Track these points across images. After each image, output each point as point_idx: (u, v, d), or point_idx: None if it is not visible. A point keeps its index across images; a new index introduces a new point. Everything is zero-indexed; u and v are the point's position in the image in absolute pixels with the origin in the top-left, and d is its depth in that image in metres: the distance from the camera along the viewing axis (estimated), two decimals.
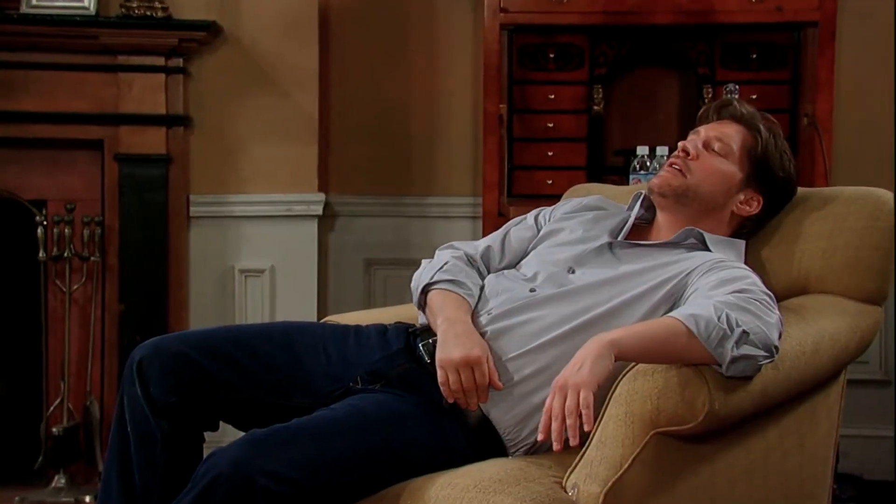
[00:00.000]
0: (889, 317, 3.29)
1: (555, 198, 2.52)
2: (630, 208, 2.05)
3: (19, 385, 3.49)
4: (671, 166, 1.95)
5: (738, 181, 1.95)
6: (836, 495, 2.76)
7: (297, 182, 3.43)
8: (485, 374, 1.78)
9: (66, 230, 3.28)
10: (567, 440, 1.58)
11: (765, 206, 1.99)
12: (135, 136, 3.29)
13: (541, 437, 1.59)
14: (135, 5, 3.25)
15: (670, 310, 1.79)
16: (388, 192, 3.67)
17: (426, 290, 1.98)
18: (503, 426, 1.81)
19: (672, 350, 1.60)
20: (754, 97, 3.24)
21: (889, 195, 2.02)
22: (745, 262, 1.92)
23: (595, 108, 3.35)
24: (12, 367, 3.52)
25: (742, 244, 1.97)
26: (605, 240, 1.98)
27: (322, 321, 2.18)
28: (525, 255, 2.07)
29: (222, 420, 1.90)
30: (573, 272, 1.93)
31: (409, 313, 2.13)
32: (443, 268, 1.99)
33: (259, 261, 3.44)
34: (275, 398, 1.87)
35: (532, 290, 1.91)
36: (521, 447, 1.82)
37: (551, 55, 3.34)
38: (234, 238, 3.42)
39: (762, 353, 1.61)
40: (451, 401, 1.80)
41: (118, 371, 3.21)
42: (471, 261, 2.06)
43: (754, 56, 3.32)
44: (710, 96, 3.27)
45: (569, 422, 1.56)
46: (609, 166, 3.37)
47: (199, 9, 3.31)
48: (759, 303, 1.67)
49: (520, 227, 2.13)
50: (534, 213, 2.16)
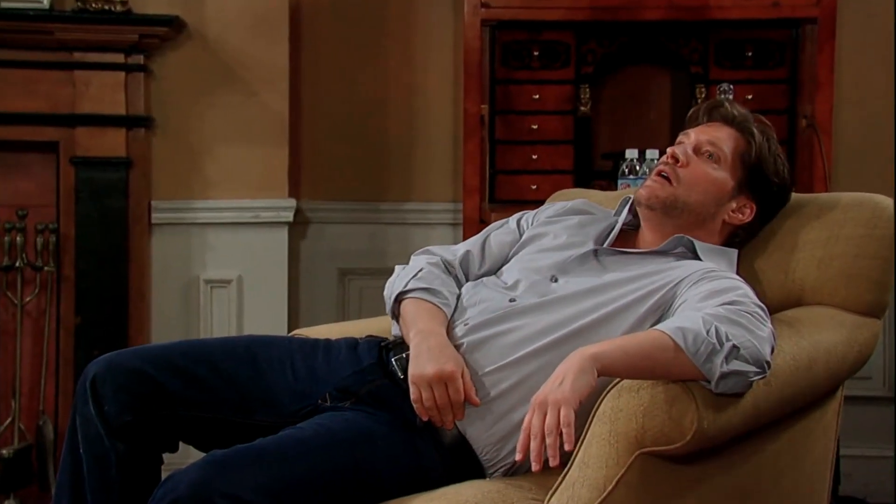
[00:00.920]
0: (891, 330, 3.30)
1: (539, 203, 2.53)
2: (617, 213, 2.06)
3: None
4: (659, 174, 1.95)
5: (730, 189, 1.95)
6: None
7: (267, 187, 3.43)
8: (460, 390, 1.79)
9: (18, 238, 3.27)
10: (547, 460, 1.58)
11: (758, 213, 2.00)
12: (92, 138, 3.28)
13: (519, 457, 1.60)
14: None
15: (658, 322, 1.80)
16: (363, 197, 3.67)
17: (399, 299, 1.99)
18: (480, 445, 1.82)
19: (658, 365, 1.61)
20: (750, 97, 3.26)
21: (888, 201, 2.03)
22: (738, 272, 1.93)
23: (582, 108, 3.36)
24: None
25: (734, 253, 1.98)
26: (589, 247, 1.99)
27: (290, 335, 2.18)
28: (506, 261, 2.08)
29: (182, 440, 1.90)
30: (556, 280, 1.94)
31: (382, 326, 2.13)
32: (417, 275, 2.00)
33: (226, 271, 3.44)
34: (237, 417, 1.87)
35: (512, 300, 1.91)
36: (500, 468, 1.83)
37: (536, 53, 3.35)
38: (199, 246, 3.42)
39: (753, 368, 1.62)
40: (424, 419, 1.80)
41: (74, 389, 3.19)
42: (448, 267, 2.06)
43: (750, 54, 3.34)
44: (703, 96, 3.29)
45: (548, 440, 1.56)
46: (596, 170, 3.39)
47: (161, 3, 3.32)
48: (751, 315, 1.68)
49: (501, 232, 2.13)
50: (516, 216, 2.17)
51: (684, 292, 1.82)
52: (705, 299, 1.75)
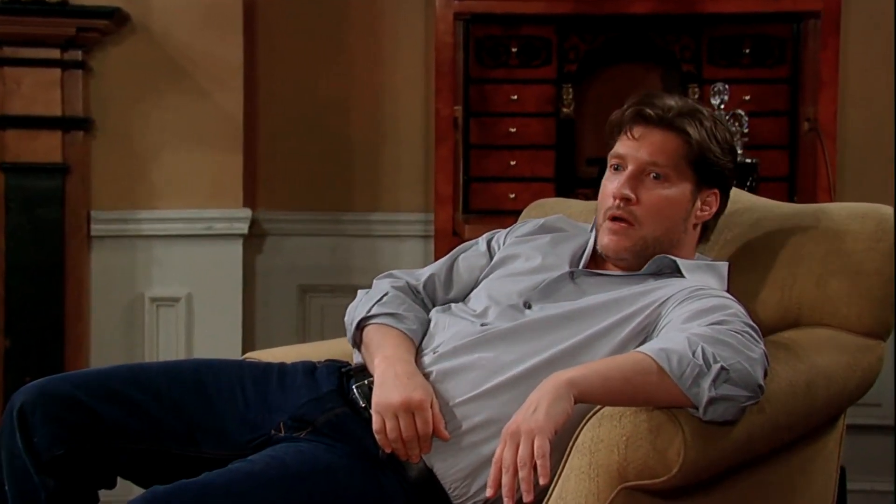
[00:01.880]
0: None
1: (517, 213, 2.55)
2: (593, 228, 2.08)
3: None
4: (615, 221, 1.96)
5: (689, 196, 1.97)
6: None
7: (219, 195, 3.43)
8: (428, 421, 1.79)
9: None
10: (521, 496, 1.59)
11: (723, 196, 2.02)
12: (24, 142, 3.27)
13: (490, 493, 1.61)
14: None
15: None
16: (326, 207, 3.68)
17: (362, 326, 1.99)
18: (449, 481, 1.82)
19: (641, 390, 1.62)
20: (747, 98, 3.29)
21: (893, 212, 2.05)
22: (728, 289, 1.94)
23: (564, 110, 3.38)
24: None
25: (724, 267, 1.99)
26: (564, 269, 2.00)
27: (241, 359, 2.18)
28: (475, 285, 2.09)
29: (120, 475, 1.90)
30: (529, 307, 1.95)
31: (345, 349, 2.14)
32: (381, 300, 2.01)
33: (173, 288, 3.43)
34: (182, 449, 1.87)
35: (484, 325, 1.92)
36: None
37: (514, 49, 3.37)
38: (144, 261, 3.41)
39: (744, 392, 1.64)
40: (388, 451, 1.81)
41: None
42: (414, 292, 2.08)
43: (747, 51, 3.36)
44: (696, 97, 3.31)
45: (521, 474, 1.57)
46: (580, 178, 3.40)
47: None
48: (741, 335, 1.69)
49: (470, 254, 2.14)
50: (486, 237, 2.18)
51: (669, 313, 1.83)
52: (691, 319, 1.76)
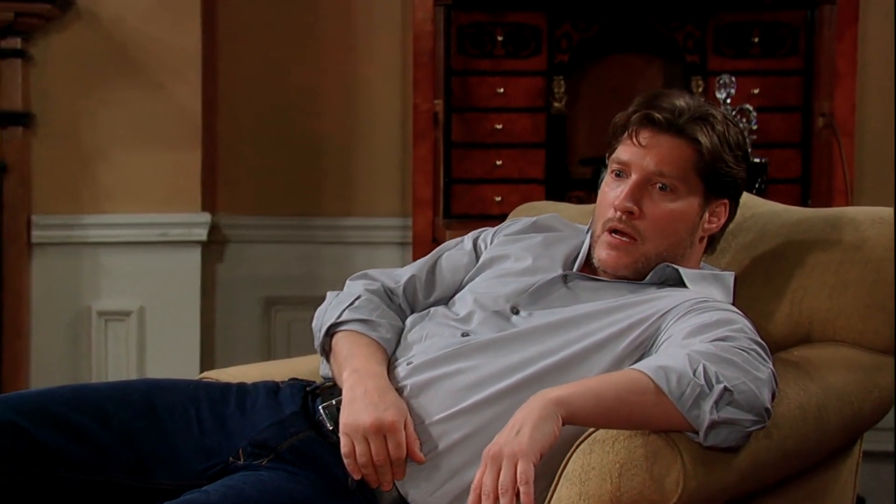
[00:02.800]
0: None
1: (504, 219, 2.55)
2: (589, 229, 2.08)
3: None
4: (615, 235, 1.95)
5: (697, 208, 1.97)
6: None
7: (175, 198, 3.43)
8: (401, 444, 1.79)
9: None
10: None
11: (732, 206, 2.02)
12: None
13: None
14: None
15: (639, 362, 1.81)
16: (294, 211, 3.68)
17: (331, 332, 1.99)
18: None
19: (636, 412, 1.62)
20: (756, 92, 3.30)
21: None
22: (734, 302, 1.95)
23: (556, 105, 3.39)
24: None
25: (730, 278, 1.99)
26: (558, 272, 2.00)
27: (197, 379, 2.18)
28: (459, 287, 2.09)
29: None
30: (517, 312, 1.95)
31: (312, 367, 2.14)
32: (354, 304, 2.01)
33: (124, 300, 3.43)
34: (131, 479, 1.86)
35: (465, 335, 1.92)
36: None
37: (500, 38, 3.38)
38: (91, 271, 3.41)
39: (750, 416, 1.64)
40: (357, 478, 1.81)
41: None
42: (390, 295, 2.08)
43: (756, 40, 3.38)
44: (700, 91, 3.32)
45: (503, 501, 1.57)
46: (573, 179, 3.41)
47: None
48: (747, 353, 1.69)
49: (454, 253, 2.14)
50: (472, 235, 2.18)
51: (669, 326, 1.83)
52: (693, 335, 1.76)
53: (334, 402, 1.89)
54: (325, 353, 2.01)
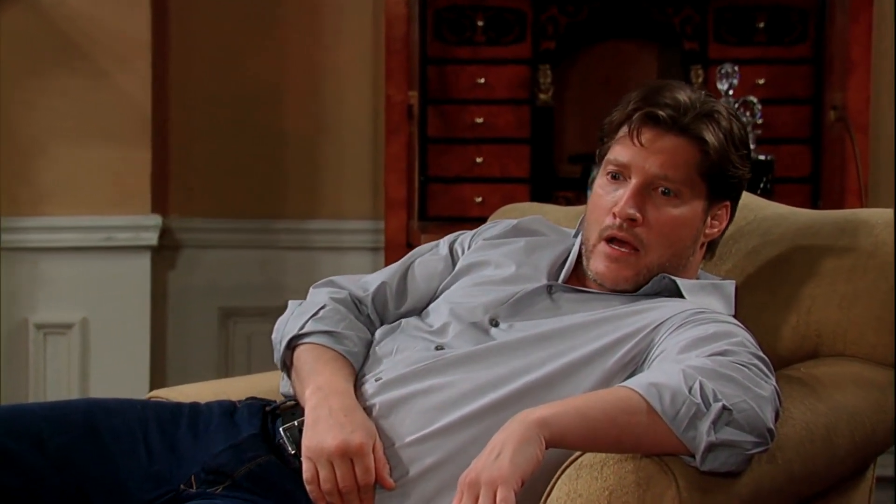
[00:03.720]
0: None
1: (485, 222, 2.56)
2: (576, 234, 2.09)
3: None
4: (614, 245, 1.96)
5: (700, 213, 1.97)
6: None
7: (122, 199, 3.43)
8: (369, 469, 1.79)
9: None
10: None
11: (733, 208, 2.03)
12: None
13: None
14: None
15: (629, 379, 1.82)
16: (254, 214, 3.68)
17: (293, 345, 1.99)
18: None
19: (626, 433, 1.63)
20: (761, 82, 3.32)
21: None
22: (735, 313, 1.96)
23: (542, 96, 3.40)
24: None
25: (731, 287, 2.00)
26: (542, 281, 2.01)
27: (145, 398, 2.18)
28: (434, 297, 2.10)
29: None
30: (496, 324, 1.96)
31: (270, 385, 2.14)
32: (318, 314, 2.01)
33: (65, 312, 3.43)
34: None
35: (439, 348, 1.93)
36: None
37: (480, 23, 3.39)
38: (28, 279, 3.40)
39: (751, 438, 1.64)
40: None
41: None
42: (357, 305, 2.08)
43: (761, 25, 3.40)
44: (700, 80, 3.33)
45: None
46: (561, 178, 3.42)
47: None
48: (747, 368, 1.70)
49: (428, 259, 2.15)
50: (448, 239, 2.18)
51: (663, 340, 1.84)
52: (688, 349, 1.77)
53: (296, 423, 1.90)
54: (287, 367, 2.01)
